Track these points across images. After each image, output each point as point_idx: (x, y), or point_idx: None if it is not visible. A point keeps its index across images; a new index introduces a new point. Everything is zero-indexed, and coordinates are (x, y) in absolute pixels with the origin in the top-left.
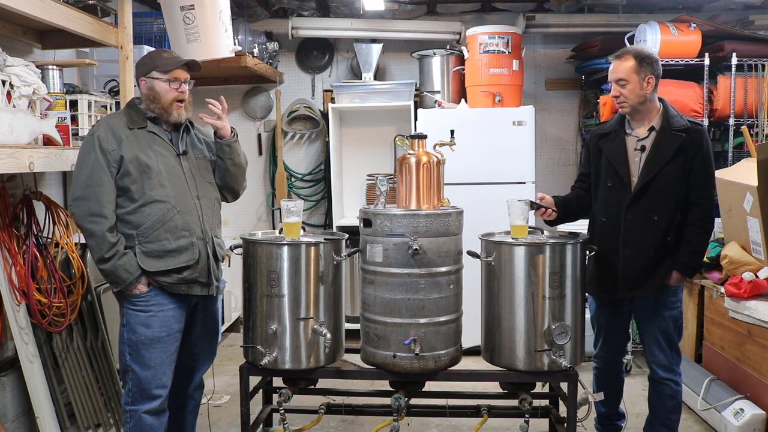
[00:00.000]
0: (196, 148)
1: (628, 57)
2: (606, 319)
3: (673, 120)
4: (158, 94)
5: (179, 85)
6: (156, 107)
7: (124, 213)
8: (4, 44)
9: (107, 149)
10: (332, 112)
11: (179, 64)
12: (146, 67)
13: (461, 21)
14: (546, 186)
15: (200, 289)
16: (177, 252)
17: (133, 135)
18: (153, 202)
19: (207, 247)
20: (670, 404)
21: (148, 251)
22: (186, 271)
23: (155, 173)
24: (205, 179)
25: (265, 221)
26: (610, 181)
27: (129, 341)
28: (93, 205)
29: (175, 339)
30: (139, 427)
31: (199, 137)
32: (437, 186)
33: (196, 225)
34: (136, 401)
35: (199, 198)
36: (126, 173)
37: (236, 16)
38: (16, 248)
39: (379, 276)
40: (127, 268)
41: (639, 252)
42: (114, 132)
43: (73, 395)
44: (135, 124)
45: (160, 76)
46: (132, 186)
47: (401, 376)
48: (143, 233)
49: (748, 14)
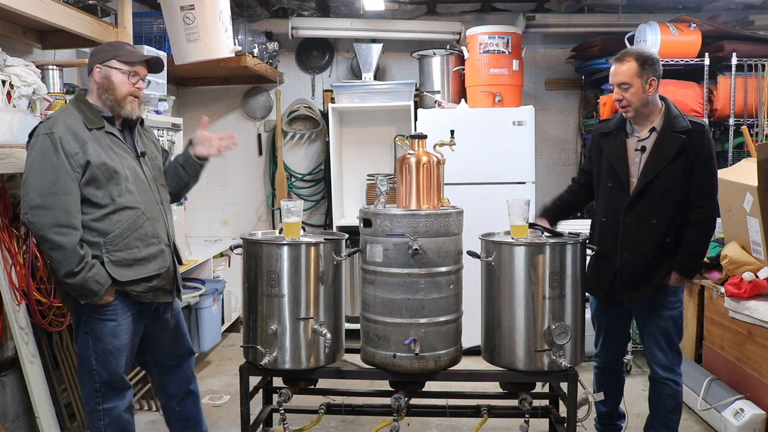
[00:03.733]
0: (149, 149)
1: (630, 59)
2: (606, 318)
3: (675, 120)
4: (113, 84)
5: (138, 80)
6: (108, 98)
7: (89, 220)
8: (4, 44)
9: (70, 152)
10: (332, 112)
11: (143, 59)
12: (105, 54)
13: (461, 21)
14: (546, 186)
15: (165, 297)
16: (146, 260)
17: (93, 136)
18: (123, 208)
19: (172, 254)
20: (671, 404)
21: (117, 260)
22: (155, 279)
23: (122, 178)
24: (160, 182)
25: (265, 221)
26: (610, 181)
27: (96, 348)
28: (60, 215)
29: (136, 340)
30: (116, 425)
31: (149, 136)
32: (437, 186)
33: (163, 231)
34: (107, 400)
35: (162, 203)
36: (92, 179)
37: (236, 16)
38: (16, 248)
39: (379, 276)
40: (97, 280)
41: (637, 255)
42: (74, 133)
43: (73, 395)
44: (93, 124)
45: (120, 66)
46: (98, 192)
47: (401, 376)
48: (111, 241)
49: (748, 14)
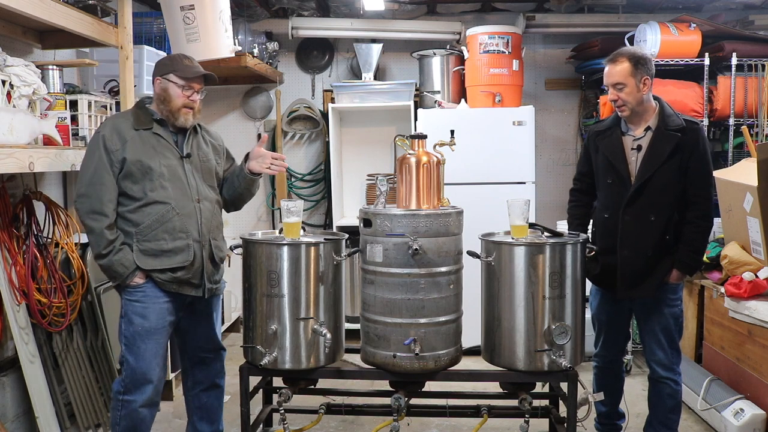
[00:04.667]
0: (201, 151)
1: (623, 60)
2: (607, 317)
3: (669, 119)
4: (170, 96)
5: (192, 93)
6: (164, 109)
7: (125, 211)
8: (4, 44)
9: (111, 149)
10: (332, 112)
11: (198, 74)
12: (165, 68)
13: (461, 21)
14: (546, 186)
15: (191, 290)
16: (173, 252)
17: (138, 136)
18: (154, 202)
19: (203, 250)
20: (670, 404)
21: (145, 249)
22: (180, 271)
23: (157, 175)
24: (207, 183)
25: (265, 221)
26: (609, 178)
27: (126, 332)
28: (94, 203)
29: (167, 332)
30: (131, 418)
31: (206, 139)
32: (437, 186)
33: (194, 228)
34: (128, 391)
35: (200, 201)
36: (128, 174)
37: (236, 16)
38: (16, 248)
39: (379, 276)
40: (123, 263)
41: (637, 253)
42: (119, 132)
43: (73, 395)
44: (141, 125)
45: (176, 80)
46: (134, 186)
47: (401, 376)
48: (142, 232)
49: (748, 14)
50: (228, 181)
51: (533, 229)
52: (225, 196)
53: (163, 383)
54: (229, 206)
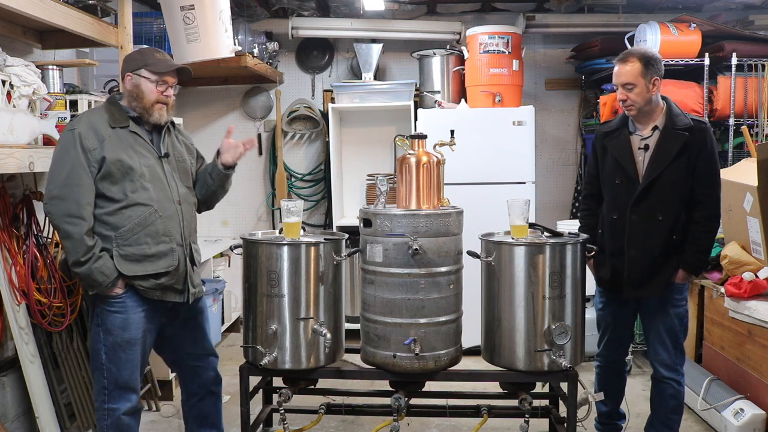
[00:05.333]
0: (176, 150)
1: (634, 60)
2: (613, 318)
3: (677, 119)
4: (142, 92)
5: (166, 88)
6: (137, 105)
7: (103, 214)
8: (4, 44)
9: (88, 148)
10: (332, 112)
11: (171, 69)
12: (135, 63)
13: (461, 21)
14: (546, 186)
15: (174, 296)
16: (156, 257)
17: (115, 134)
18: (135, 204)
19: (185, 254)
20: (672, 404)
21: (126, 254)
22: (164, 277)
23: (138, 175)
24: (184, 183)
25: (265, 221)
26: (618, 178)
27: (105, 341)
28: (71, 206)
29: (150, 338)
30: (116, 427)
31: (180, 139)
32: (437, 186)
33: (177, 231)
34: (113, 400)
35: (180, 203)
36: (107, 174)
37: (236, 16)
38: (16, 248)
39: (379, 276)
40: (103, 271)
41: (644, 252)
42: (95, 130)
43: (73, 395)
44: (117, 122)
45: (148, 75)
46: (112, 187)
47: (401, 376)
48: (122, 236)
49: (748, 14)
50: (200, 179)
51: (533, 229)
52: (198, 195)
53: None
54: (201, 206)
